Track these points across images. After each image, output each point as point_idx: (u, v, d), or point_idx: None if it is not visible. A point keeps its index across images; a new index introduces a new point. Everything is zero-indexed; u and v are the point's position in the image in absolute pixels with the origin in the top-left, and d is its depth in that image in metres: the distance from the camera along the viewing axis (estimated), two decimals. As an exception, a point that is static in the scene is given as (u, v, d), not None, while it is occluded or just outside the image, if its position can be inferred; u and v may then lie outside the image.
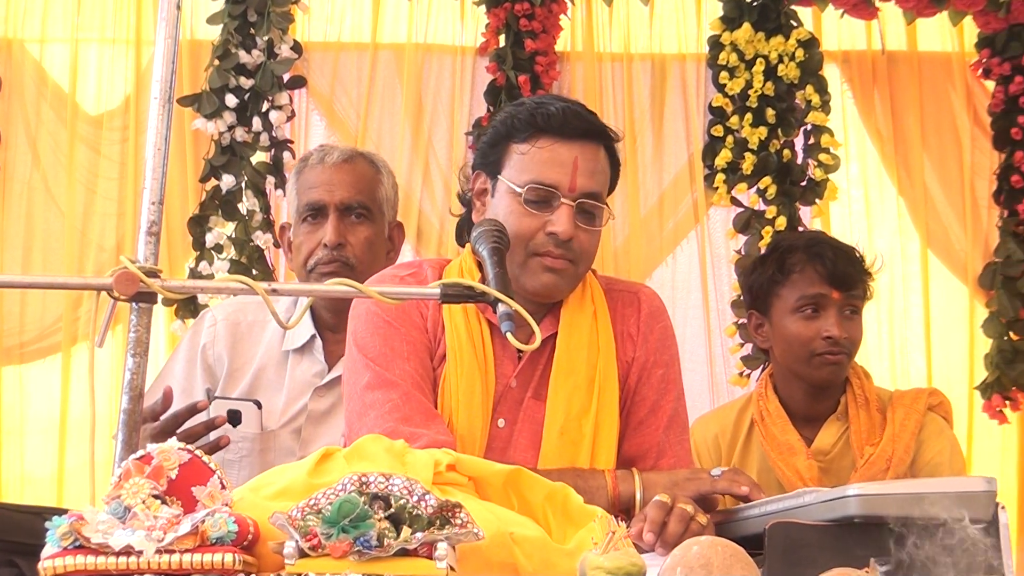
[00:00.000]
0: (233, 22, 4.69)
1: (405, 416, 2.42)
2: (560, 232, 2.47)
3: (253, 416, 3.05)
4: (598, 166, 2.54)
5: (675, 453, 2.60)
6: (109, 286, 1.85)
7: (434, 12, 4.98)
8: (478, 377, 2.50)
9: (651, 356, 2.63)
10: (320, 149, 3.24)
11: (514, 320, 2.01)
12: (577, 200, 2.49)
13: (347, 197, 3.11)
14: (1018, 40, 4.93)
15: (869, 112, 5.05)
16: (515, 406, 2.54)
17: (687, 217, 4.96)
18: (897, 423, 3.23)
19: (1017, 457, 4.95)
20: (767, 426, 3.30)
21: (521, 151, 2.52)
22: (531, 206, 2.48)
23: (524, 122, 2.52)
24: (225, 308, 3.22)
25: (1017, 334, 4.90)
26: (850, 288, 3.23)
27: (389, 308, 2.52)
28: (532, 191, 2.48)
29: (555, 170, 2.49)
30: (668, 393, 2.63)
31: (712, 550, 1.63)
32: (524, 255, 2.49)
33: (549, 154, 2.49)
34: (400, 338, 2.52)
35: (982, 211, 5.04)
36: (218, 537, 1.56)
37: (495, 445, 2.51)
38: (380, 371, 2.48)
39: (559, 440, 2.50)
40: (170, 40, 1.98)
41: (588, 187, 2.50)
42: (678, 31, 5.06)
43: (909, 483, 2.38)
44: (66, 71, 4.84)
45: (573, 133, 2.51)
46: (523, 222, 2.48)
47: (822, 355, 3.21)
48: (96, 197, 4.79)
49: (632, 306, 2.66)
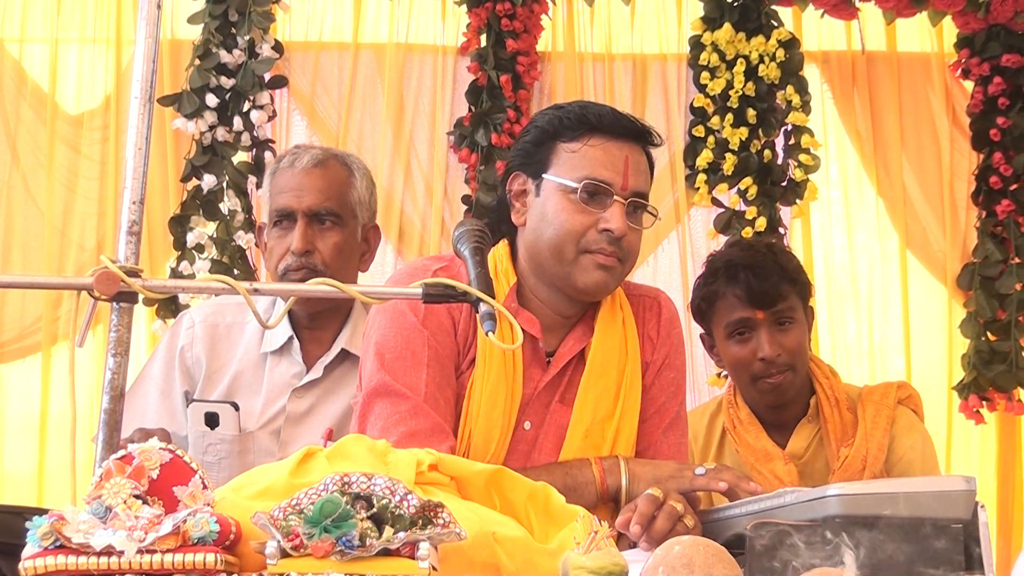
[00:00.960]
0: (214, 22, 4.68)
1: (411, 431, 2.41)
2: (615, 229, 2.47)
3: (231, 418, 3.03)
4: (646, 168, 2.58)
5: (668, 454, 2.62)
6: (89, 286, 1.84)
7: (415, 12, 4.98)
8: (504, 384, 2.50)
9: (666, 359, 2.65)
10: (293, 151, 3.20)
11: (496, 320, 2.00)
12: (628, 199, 2.51)
13: (315, 203, 3.08)
14: (997, 40, 4.95)
15: (849, 112, 5.07)
16: (542, 409, 2.55)
17: (668, 217, 4.96)
18: (868, 421, 3.22)
19: (995, 457, 4.97)
20: (740, 434, 3.30)
21: (571, 149, 2.52)
22: (586, 202, 2.49)
23: (575, 121, 2.53)
24: (203, 310, 3.21)
25: (994, 335, 4.92)
26: (772, 304, 3.19)
27: (419, 309, 2.51)
28: (588, 187, 2.49)
29: (609, 168, 2.50)
30: (676, 397, 2.66)
31: (694, 549, 1.64)
32: (576, 252, 2.49)
33: (603, 152, 2.51)
34: (422, 342, 2.50)
35: (960, 212, 5.06)
36: (200, 537, 1.56)
37: (520, 447, 2.52)
38: (390, 380, 2.47)
39: (583, 443, 2.52)
40: (151, 39, 1.97)
41: (638, 186, 2.53)
42: (659, 31, 5.07)
43: (889, 483, 2.38)
44: (46, 71, 4.83)
45: (624, 133, 2.53)
46: (576, 219, 2.49)
47: (762, 378, 3.22)
48: (76, 197, 4.78)
49: (652, 310, 2.68)
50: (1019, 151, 4.94)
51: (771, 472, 3.20)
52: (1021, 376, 4.87)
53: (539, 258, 2.55)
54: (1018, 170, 4.93)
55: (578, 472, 2.48)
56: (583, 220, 2.49)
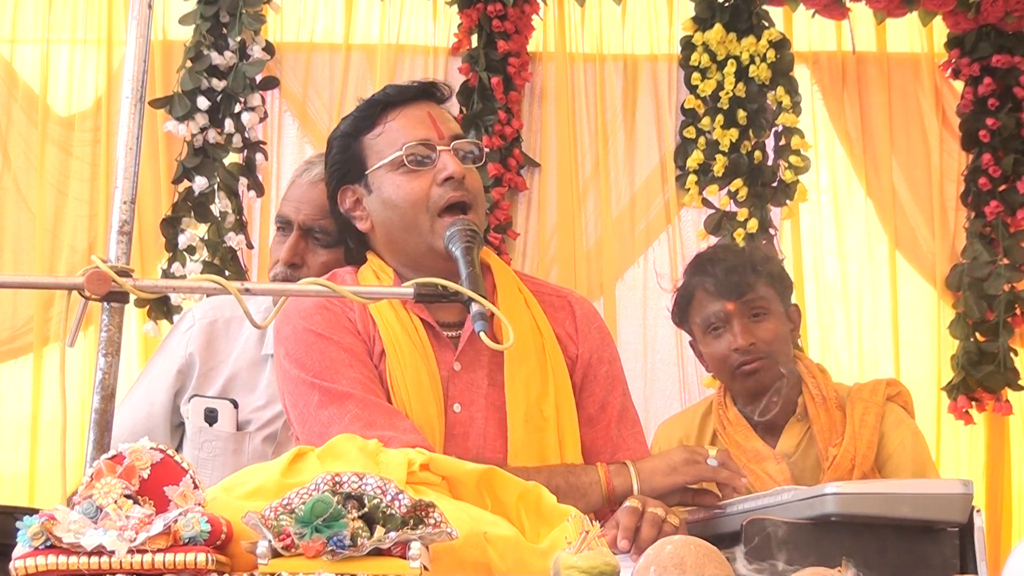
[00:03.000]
0: (205, 23, 4.67)
1: (368, 422, 2.39)
2: (454, 172, 2.50)
3: (229, 415, 3.05)
4: (448, 116, 2.61)
5: (630, 447, 2.61)
6: (80, 285, 1.84)
7: (406, 12, 4.98)
8: (422, 364, 2.49)
9: (594, 354, 2.64)
10: (310, 161, 3.19)
11: (487, 320, 2.01)
12: (451, 144, 2.54)
13: (309, 219, 3.06)
14: (987, 41, 4.95)
15: (838, 113, 5.08)
16: (467, 389, 2.53)
17: (659, 218, 4.97)
18: (856, 419, 3.23)
19: (983, 458, 4.98)
20: (730, 435, 3.31)
21: (376, 134, 2.57)
22: (413, 165, 2.51)
23: (365, 111, 2.59)
24: (204, 306, 3.23)
25: (983, 335, 4.92)
26: (742, 295, 3.23)
27: (317, 320, 2.51)
28: (410, 149, 2.52)
29: (417, 127, 2.55)
30: (615, 389, 2.64)
31: (685, 549, 1.64)
32: (429, 218, 2.50)
33: (404, 119, 2.56)
34: (336, 347, 2.50)
35: (950, 213, 5.07)
36: (191, 537, 1.56)
37: (455, 431, 2.50)
38: (328, 386, 2.46)
39: (525, 426, 2.50)
40: (142, 39, 1.97)
41: (453, 131, 2.57)
42: (650, 32, 5.07)
43: (887, 483, 2.39)
44: (37, 72, 4.82)
45: (412, 96, 2.59)
46: (414, 185, 2.51)
47: (738, 367, 3.23)
48: (68, 199, 4.77)
49: (564, 309, 2.67)
50: (1008, 152, 4.94)
51: (764, 472, 3.21)
52: (1010, 377, 4.88)
53: (399, 244, 2.56)
54: (1007, 171, 4.94)
55: (582, 472, 2.46)
56: (420, 183, 2.51)
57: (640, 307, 4.94)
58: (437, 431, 2.47)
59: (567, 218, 4.91)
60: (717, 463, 2.47)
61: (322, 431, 2.40)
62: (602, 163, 4.93)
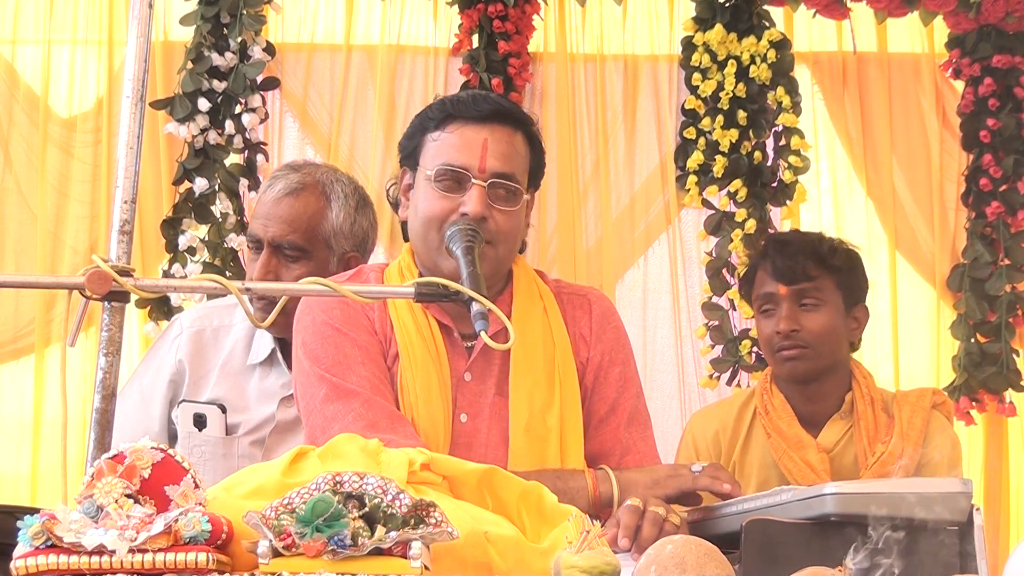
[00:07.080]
0: (206, 24, 4.67)
1: (371, 423, 2.41)
2: (470, 212, 2.48)
3: (217, 420, 3.06)
4: (512, 149, 2.56)
5: (639, 450, 2.61)
6: (81, 285, 1.85)
7: (407, 13, 4.98)
8: (433, 371, 2.50)
9: (606, 355, 2.64)
10: (277, 173, 3.15)
11: (488, 319, 2.01)
12: (488, 181, 2.51)
13: (278, 235, 3.02)
14: (988, 41, 4.95)
15: (839, 114, 5.07)
16: (475, 400, 2.54)
17: (659, 219, 4.97)
18: (904, 421, 3.29)
19: (982, 459, 4.98)
20: (772, 419, 3.34)
21: (434, 139, 2.56)
22: (442, 188, 2.51)
23: (436, 111, 2.58)
24: (191, 315, 3.22)
25: (984, 336, 4.92)
26: (796, 281, 3.27)
27: (336, 315, 2.53)
28: (441, 172, 2.52)
29: (463, 152, 2.52)
30: (627, 391, 2.65)
31: (686, 549, 1.64)
32: (439, 239, 2.50)
33: (459, 138, 2.54)
34: (351, 344, 2.52)
35: (950, 213, 5.07)
36: (191, 536, 1.56)
37: (460, 440, 2.51)
38: (337, 381, 2.48)
39: (526, 436, 2.51)
40: (142, 39, 1.98)
41: (499, 168, 2.53)
42: (650, 32, 5.07)
43: (886, 483, 2.39)
44: (38, 73, 4.82)
45: (482, 115, 2.55)
46: (437, 205, 2.51)
47: (778, 351, 3.26)
48: (69, 200, 4.77)
49: (582, 308, 2.68)
50: (1009, 152, 4.94)
51: (803, 460, 3.25)
52: (1012, 378, 4.88)
53: (417, 248, 2.59)
54: (1008, 171, 4.94)
55: (570, 477, 2.47)
56: (444, 206, 2.51)
57: (640, 307, 4.94)
58: (443, 439, 2.48)
59: (567, 218, 4.91)
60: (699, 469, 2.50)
61: (325, 425, 2.43)
62: (602, 163, 4.93)
